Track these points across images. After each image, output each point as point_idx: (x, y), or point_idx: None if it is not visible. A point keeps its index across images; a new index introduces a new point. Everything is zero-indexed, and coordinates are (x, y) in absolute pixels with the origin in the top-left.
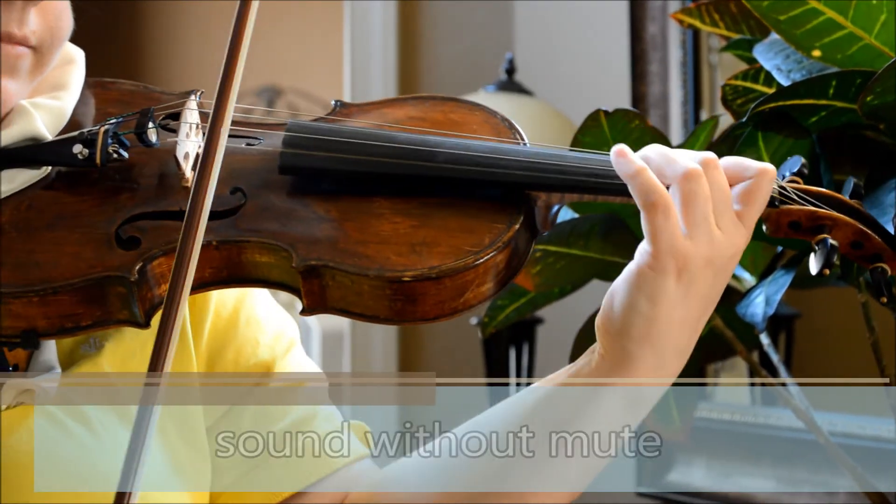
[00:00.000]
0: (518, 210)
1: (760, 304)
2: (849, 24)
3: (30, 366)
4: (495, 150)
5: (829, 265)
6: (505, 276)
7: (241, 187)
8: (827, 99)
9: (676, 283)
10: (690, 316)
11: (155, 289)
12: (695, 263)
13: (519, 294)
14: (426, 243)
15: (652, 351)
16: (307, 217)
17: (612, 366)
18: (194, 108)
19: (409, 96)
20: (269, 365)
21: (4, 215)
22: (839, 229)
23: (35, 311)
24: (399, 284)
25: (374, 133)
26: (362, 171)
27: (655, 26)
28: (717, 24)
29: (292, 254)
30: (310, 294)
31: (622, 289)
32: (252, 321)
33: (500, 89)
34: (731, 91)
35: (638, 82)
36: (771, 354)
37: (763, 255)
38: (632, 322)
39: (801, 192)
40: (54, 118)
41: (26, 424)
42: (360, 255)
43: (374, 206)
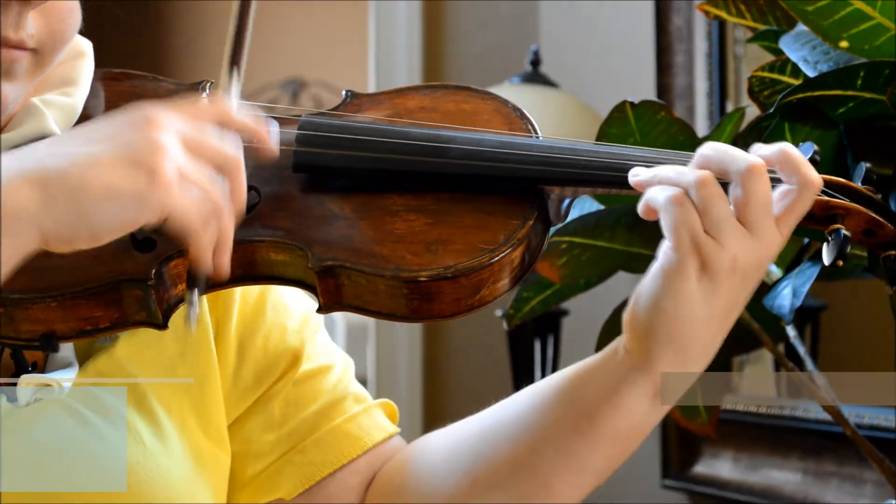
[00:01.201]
0: (532, 205)
1: (787, 296)
2: (877, 15)
3: (48, 363)
4: (507, 145)
5: (843, 256)
6: (520, 272)
7: (254, 185)
8: (855, 90)
9: (698, 283)
10: (715, 317)
11: (171, 290)
12: (718, 264)
13: (544, 286)
14: (441, 241)
15: (674, 351)
16: (322, 215)
17: (636, 362)
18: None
19: (421, 85)
20: (298, 351)
21: None
22: (852, 218)
23: (53, 315)
24: (415, 284)
25: (387, 129)
26: (376, 169)
27: (681, 18)
28: (743, 15)
29: (308, 253)
30: (326, 293)
31: (647, 288)
32: (279, 306)
33: (525, 81)
34: (758, 82)
35: (663, 74)
36: (797, 346)
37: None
38: (656, 321)
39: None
40: (65, 115)
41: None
42: (375, 254)
43: (388, 203)
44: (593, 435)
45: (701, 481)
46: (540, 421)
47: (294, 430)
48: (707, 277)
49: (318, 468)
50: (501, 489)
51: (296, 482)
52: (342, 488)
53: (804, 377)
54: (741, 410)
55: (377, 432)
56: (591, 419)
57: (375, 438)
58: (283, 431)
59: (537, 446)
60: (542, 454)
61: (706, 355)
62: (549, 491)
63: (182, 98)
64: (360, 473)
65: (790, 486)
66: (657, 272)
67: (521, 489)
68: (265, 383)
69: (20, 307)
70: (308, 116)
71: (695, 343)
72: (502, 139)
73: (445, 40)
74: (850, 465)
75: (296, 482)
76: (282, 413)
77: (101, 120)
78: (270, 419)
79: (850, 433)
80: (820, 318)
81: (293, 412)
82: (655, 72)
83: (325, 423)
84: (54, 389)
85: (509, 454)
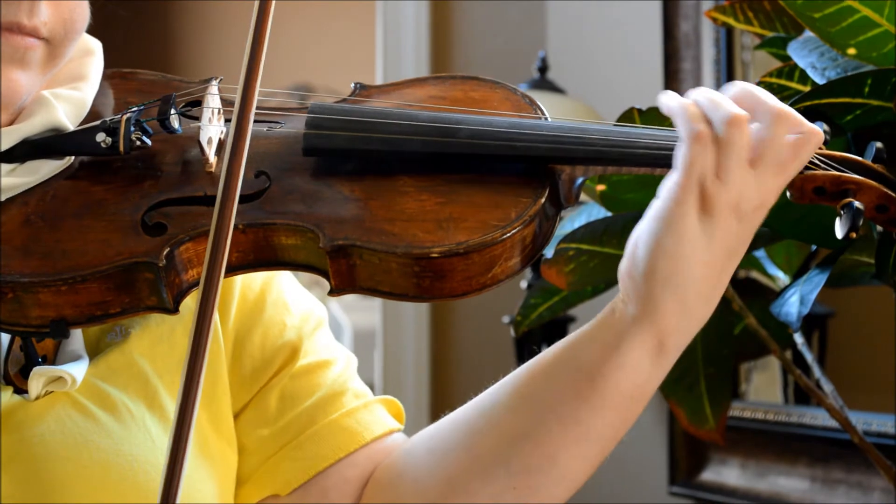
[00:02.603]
0: (542, 184)
1: (795, 304)
2: (884, 22)
3: (57, 356)
4: (517, 125)
5: (855, 228)
6: (532, 251)
7: (265, 170)
8: (862, 97)
9: (700, 222)
10: (714, 261)
11: (183, 274)
12: (720, 205)
13: (552, 293)
14: (453, 219)
15: (675, 294)
16: (332, 197)
17: (636, 311)
18: (215, 94)
19: (429, 76)
20: (296, 346)
21: (30, 206)
22: (864, 193)
23: (63, 299)
24: (427, 261)
25: (396, 112)
26: (386, 151)
27: (688, 24)
28: (750, 21)
29: (319, 234)
30: (338, 274)
31: (646, 228)
32: (279, 303)
33: (532, 88)
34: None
35: (671, 80)
36: (805, 353)
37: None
38: (656, 260)
39: (825, 157)
40: (75, 108)
41: (53, 413)
42: (386, 232)
43: (398, 184)
44: (595, 398)
45: (708, 488)
46: (540, 389)
47: (289, 424)
48: (707, 216)
49: (314, 463)
50: (504, 464)
51: (290, 478)
52: (340, 482)
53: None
54: (749, 417)
55: (376, 427)
56: (592, 381)
57: (374, 433)
58: (277, 427)
59: (538, 416)
60: (544, 423)
61: (706, 304)
62: (554, 463)
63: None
64: (359, 467)
65: (798, 494)
66: (657, 211)
67: (525, 462)
68: (262, 379)
69: (30, 291)
70: (317, 102)
71: (694, 285)
72: (512, 120)
73: (453, 46)
74: (857, 472)
75: (290, 478)
76: (277, 408)
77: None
78: (266, 414)
79: (857, 440)
80: (827, 325)
81: (289, 407)
82: (663, 78)
83: (322, 417)
84: (66, 382)
85: (510, 426)
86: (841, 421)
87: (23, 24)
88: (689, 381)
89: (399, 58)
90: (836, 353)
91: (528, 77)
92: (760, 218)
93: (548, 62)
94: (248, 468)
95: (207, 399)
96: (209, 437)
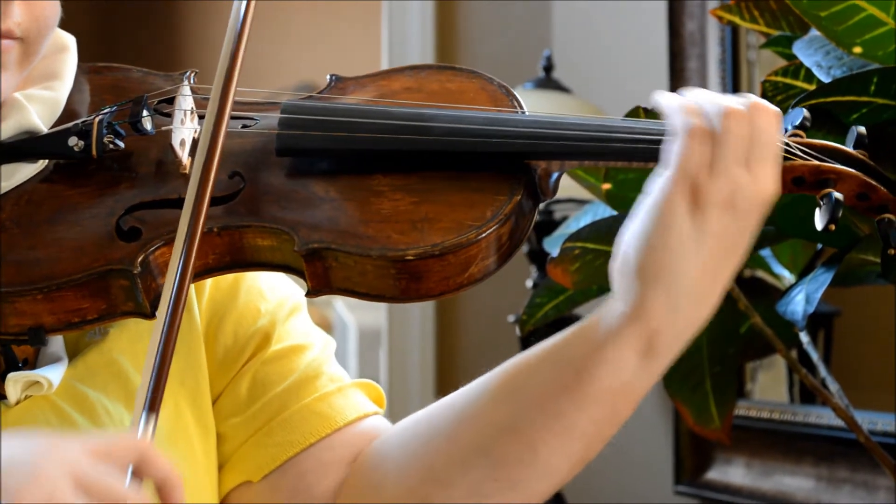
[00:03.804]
0: (518, 180)
1: (801, 302)
2: (890, 21)
3: (38, 359)
4: (491, 121)
5: (834, 220)
6: (509, 249)
7: (239, 171)
8: (868, 96)
9: (690, 217)
10: (706, 258)
11: (158, 278)
12: (712, 200)
13: (557, 291)
14: (428, 219)
15: (665, 291)
16: (307, 198)
17: (625, 307)
18: (188, 94)
19: (406, 66)
20: (269, 331)
21: (5, 211)
22: (844, 182)
23: (40, 307)
24: (403, 263)
25: (369, 110)
26: (360, 150)
27: (694, 23)
28: (756, 20)
29: (294, 237)
30: (314, 276)
31: (636, 224)
32: (253, 290)
33: (538, 87)
34: (772, 87)
35: (676, 79)
36: (810, 352)
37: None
38: (645, 256)
39: (804, 146)
40: (48, 109)
41: (31, 417)
42: (361, 235)
43: (373, 183)
44: (579, 392)
45: (714, 488)
46: (525, 381)
47: (260, 410)
48: (698, 211)
49: (283, 450)
50: (484, 453)
51: (260, 464)
52: (315, 465)
53: (817, 383)
54: (754, 417)
55: (350, 411)
56: (576, 374)
57: (347, 417)
58: (248, 413)
59: (521, 406)
60: (527, 414)
61: (699, 303)
62: (534, 455)
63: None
64: (335, 450)
65: (803, 493)
66: (647, 206)
67: (505, 452)
68: (235, 366)
69: (6, 301)
70: (290, 101)
71: (685, 283)
72: (486, 115)
73: (458, 45)
74: (863, 471)
75: (260, 464)
76: (248, 394)
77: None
78: (237, 401)
79: (863, 439)
80: (833, 324)
81: (260, 393)
82: (668, 77)
83: (294, 402)
84: (43, 386)
85: (492, 416)
86: (846, 420)
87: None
88: (694, 380)
89: (405, 56)
90: (842, 353)
91: (534, 76)
92: (757, 215)
93: (553, 61)
94: (223, 455)
95: (193, 395)
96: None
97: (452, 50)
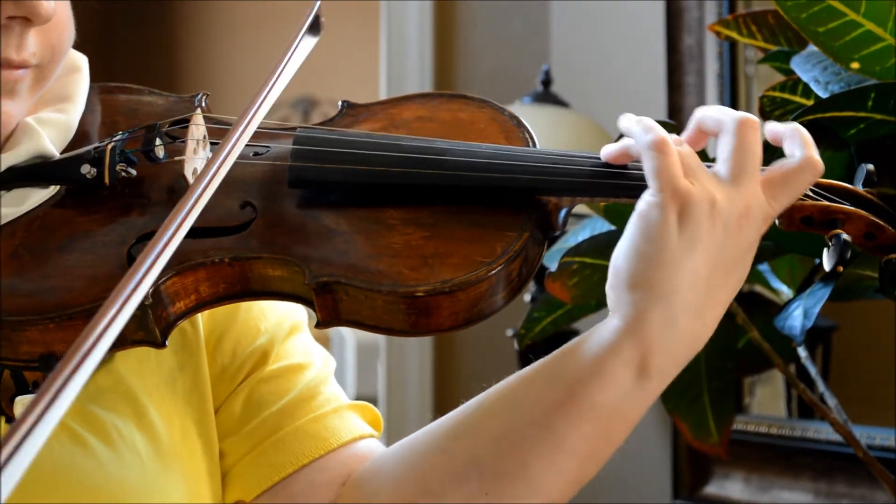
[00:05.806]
0: (528, 216)
1: (799, 317)
2: (888, 37)
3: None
4: (501, 156)
5: (843, 262)
6: (518, 283)
7: (251, 202)
8: (866, 111)
9: (678, 226)
10: (699, 269)
11: (170, 307)
12: (696, 208)
13: (556, 306)
14: (438, 255)
15: (661, 304)
16: (318, 231)
17: (620, 323)
18: (200, 124)
19: (417, 94)
20: (267, 350)
21: (17, 237)
22: (852, 222)
23: (52, 336)
24: (413, 300)
25: (381, 143)
26: (371, 182)
27: (692, 38)
28: (754, 35)
29: (305, 270)
30: (324, 308)
31: (627, 238)
32: (253, 309)
33: (536, 101)
34: (770, 102)
35: (674, 94)
36: (809, 367)
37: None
38: (636, 268)
39: (814, 185)
40: (61, 133)
41: None
42: (372, 269)
43: (385, 216)
44: (572, 407)
45: (712, 502)
46: (519, 395)
47: (254, 430)
48: (686, 220)
49: (275, 470)
50: (476, 466)
51: (252, 483)
52: (307, 487)
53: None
54: (752, 431)
55: (344, 433)
56: (569, 390)
57: (342, 439)
58: (243, 432)
59: (514, 420)
60: (519, 428)
61: (695, 318)
62: (525, 470)
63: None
64: (328, 472)
65: None
66: (636, 220)
67: (497, 465)
68: (231, 385)
69: (18, 329)
70: (303, 130)
71: (680, 296)
72: (496, 150)
73: (456, 59)
74: (861, 486)
75: (252, 483)
76: (242, 413)
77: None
78: (231, 419)
79: (861, 454)
80: (831, 338)
81: (254, 412)
82: (667, 91)
83: (288, 422)
84: None
85: (486, 429)
86: (845, 435)
87: (11, 60)
88: (692, 394)
89: (403, 71)
90: (840, 367)
91: (532, 90)
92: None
93: (551, 76)
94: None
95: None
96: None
97: (451, 63)
